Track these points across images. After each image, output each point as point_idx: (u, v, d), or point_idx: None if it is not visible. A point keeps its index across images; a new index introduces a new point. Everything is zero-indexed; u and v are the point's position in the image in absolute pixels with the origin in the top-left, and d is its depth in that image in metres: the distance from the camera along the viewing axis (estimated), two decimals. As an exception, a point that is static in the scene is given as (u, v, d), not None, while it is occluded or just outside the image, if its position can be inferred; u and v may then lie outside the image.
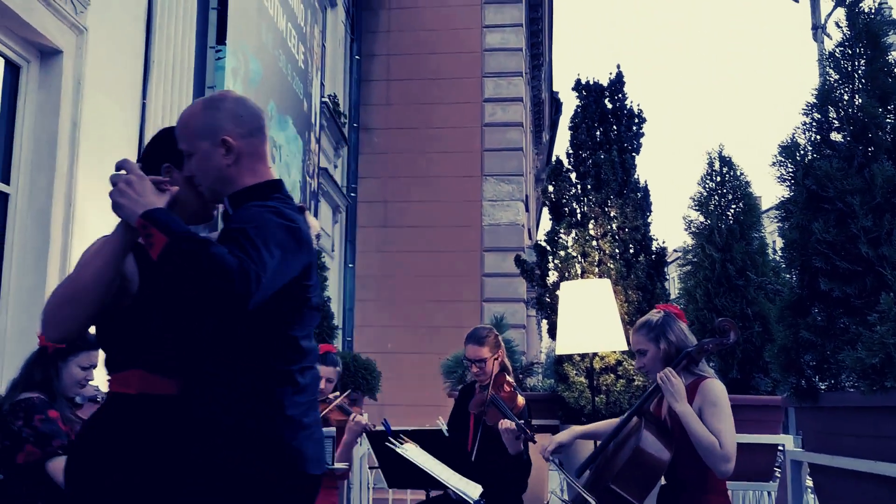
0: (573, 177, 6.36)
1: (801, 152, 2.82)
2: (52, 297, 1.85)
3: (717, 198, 4.90)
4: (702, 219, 4.88)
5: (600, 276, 5.77)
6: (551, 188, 6.37)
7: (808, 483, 3.26)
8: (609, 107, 6.55)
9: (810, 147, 2.82)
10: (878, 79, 2.67)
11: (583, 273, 5.94)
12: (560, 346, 5.04)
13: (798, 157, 2.82)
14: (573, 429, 3.44)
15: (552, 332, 5.94)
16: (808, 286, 2.73)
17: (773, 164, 2.88)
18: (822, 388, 2.72)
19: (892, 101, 2.66)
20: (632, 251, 6.02)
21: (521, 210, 11.61)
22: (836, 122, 2.77)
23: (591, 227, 6.05)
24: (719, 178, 4.92)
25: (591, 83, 6.65)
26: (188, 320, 1.92)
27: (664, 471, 2.91)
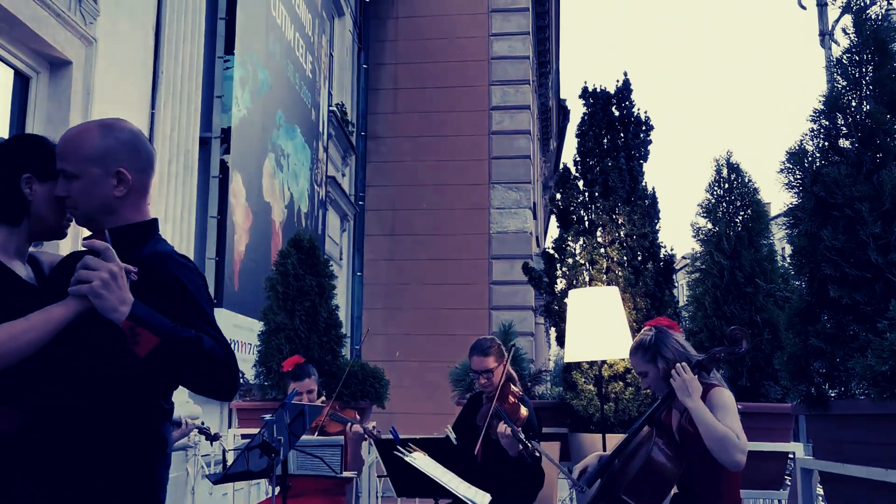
0: (581, 184, 6.36)
1: (810, 159, 2.82)
2: None
3: (725, 204, 4.88)
4: (710, 226, 4.86)
5: (608, 284, 5.76)
6: (559, 196, 6.37)
7: (819, 491, 3.24)
8: (616, 114, 6.55)
9: (818, 154, 2.82)
10: (886, 85, 2.66)
11: (591, 281, 5.93)
12: (568, 354, 5.03)
13: (806, 164, 2.81)
14: (595, 455, 3.42)
15: (560, 340, 5.93)
16: (817, 293, 2.72)
17: (780, 170, 2.87)
18: (832, 395, 2.71)
19: (900, 107, 2.65)
20: (640, 258, 6.01)
21: (529, 218, 11.61)
22: (844, 128, 2.77)
23: (598, 234, 6.05)
24: (727, 185, 4.91)
25: (599, 90, 6.66)
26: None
27: (676, 480, 2.89)
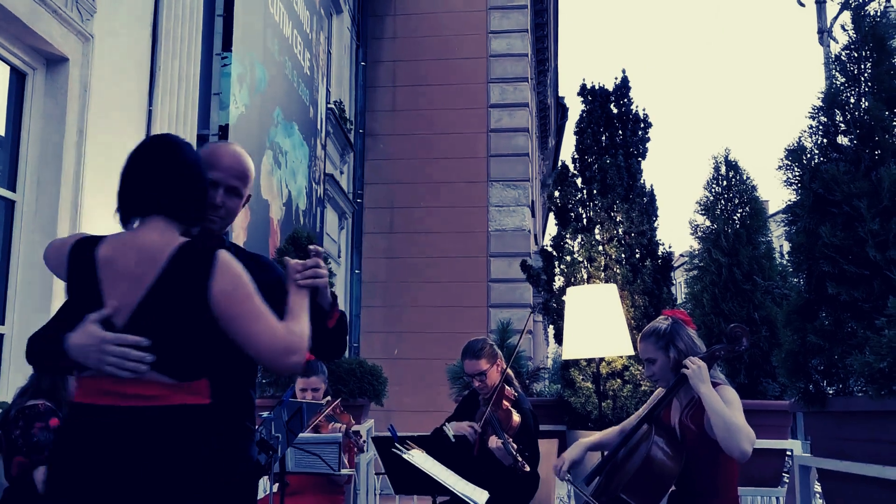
0: (579, 182, 6.35)
1: (808, 156, 2.81)
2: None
3: (723, 202, 4.89)
4: (708, 223, 4.86)
5: (606, 281, 5.76)
6: (557, 193, 6.36)
7: (817, 488, 3.24)
8: (615, 111, 6.55)
9: (817, 150, 2.81)
10: (885, 82, 2.66)
11: (589, 278, 5.93)
12: (566, 352, 5.03)
13: (805, 161, 2.81)
14: (580, 442, 3.40)
15: (558, 338, 5.93)
16: (815, 290, 2.72)
17: (779, 167, 2.87)
18: (830, 392, 2.71)
19: (899, 103, 2.64)
20: (638, 256, 6.00)
21: (528, 215, 11.61)
22: (843, 125, 2.76)
23: (597, 232, 6.04)
24: (725, 183, 4.91)
25: (597, 88, 6.65)
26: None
27: (675, 479, 2.88)
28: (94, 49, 4.53)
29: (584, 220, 6.16)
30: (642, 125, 6.54)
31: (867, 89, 2.70)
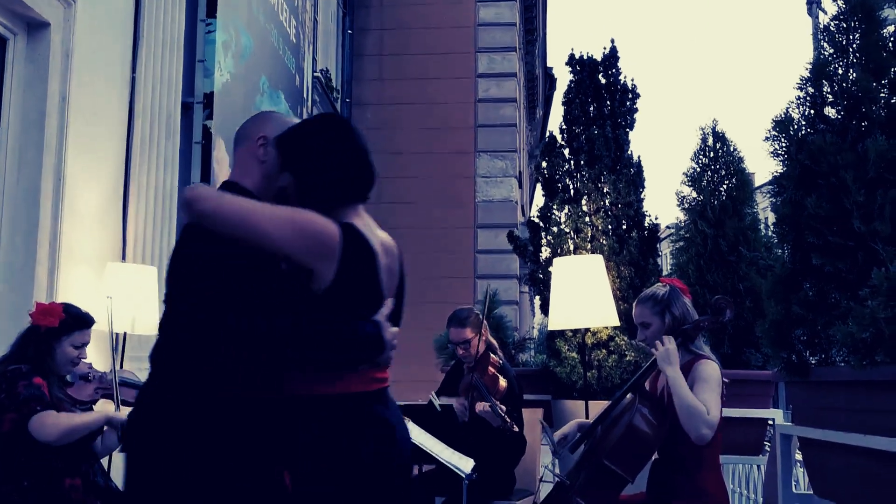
0: (566, 152, 6.34)
1: (795, 127, 2.81)
2: None
3: (710, 173, 4.90)
4: (694, 195, 4.88)
5: (593, 252, 5.78)
6: (544, 164, 6.35)
7: (798, 457, 3.28)
8: (603, 82, 6.52)
9: (804, 122, 2.81)
10: (873, 53, 2.65)
11: (575, 249, 5.94)
12: (552, 322, 5.05)
13: (792, 132, 2.80)
14: (575, 422, 3.44)
15: (545, 308, 5.95)
16: (800, 261, 2.73)
17: (766, 138, 2.86)
18: (813, 362, 2.73)
19: (887, 75, 2.64)
20: (624, 227, 6.02)
21: (515, 186, 11.59)
22: (831, 96, 2.76)
23: (584, 203, 6.05)
24: (712, 154, 4.92)
25: (586, 58, 6.62)
26: None
27: (658, 446, 2.92)
28: (76, 14, 4.45)
29: (571, 191, 6.16)
30: (630, 96, 6.52)
31: (855, 60, 2.70)
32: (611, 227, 5.94)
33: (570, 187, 6.17)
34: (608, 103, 6.42)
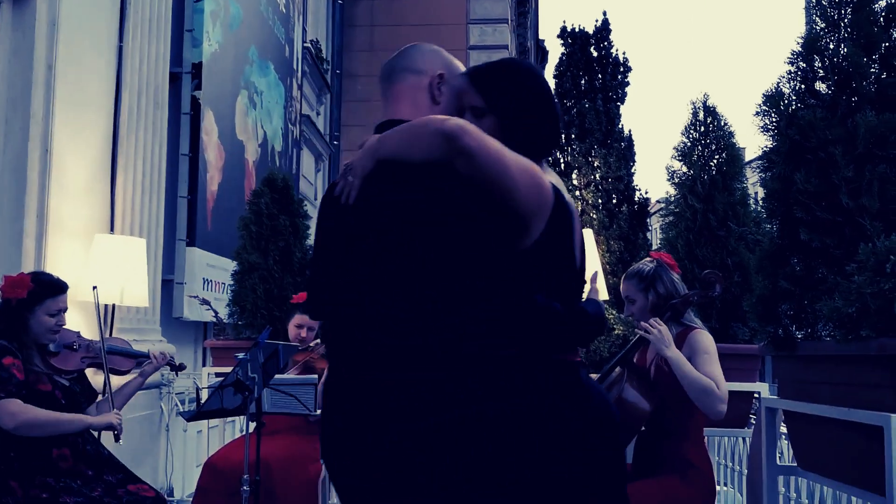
0: (557, 126, 6.32)
1: (786, 102, 2.80)
2: None
3: (700, 148, 4.89)
4: (685, 169, 4.87)
5: (583, 227, 5.79)
6: (535, 137, 6.33)
7: (783, 430, 3.32)
8: (595, 55, 6.51)
9: (794, 96, 2.80)
10: (864, 27, 2.64)
11: (565, 223, 5.95)
12: (542, 296, 5.06)
13: (782, 107, 2.80)
14: None
15: (534, 282, 5.96)
16: (787, 236, 2.74)
17: (756, 113, 2.86)
18: (799, 337, 2.75)
19: (878, 50, 2.63)
20: (615, 201, 6.03)
21: (505, 159, 11.58)
22: (821, 71, 2.75)
23: (574, 176, 6.05)
24: (703, 129, 4.90)
25: (577, 30, 6.59)
26: None
27: (645, 420, 2.95)
28: (61, -19, 4.38)
29: (562, 165, 6.15)
30: (622, 69, 6.51)
31: (846, 35, 2.69)
32: (601, 201, 5.96)
33: (561, 161, 6.17)
34: (600, 76, 6.41)
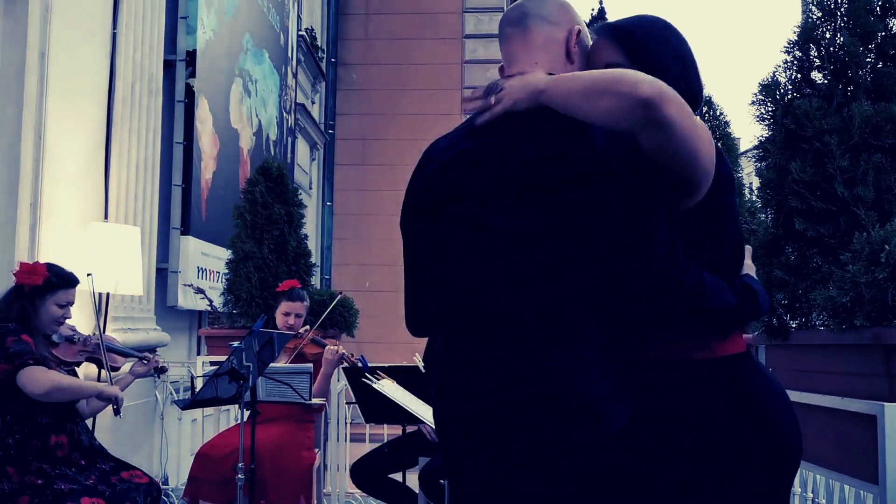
0: (553, 115, 6.31)
1: (782, 91, 2.81)
2: None
3: (696, 137, 4.89)
4: (680, 159, 4.87)
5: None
6: (531, 126, 6.33)
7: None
8: (590, 44, 6.48)
9: (790, 86, 2.81)
10: (860, 17, 2.64)
11: (561, 212, 5.95)
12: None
13: (778, 96, 2.80)
14: None
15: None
16: (783, 226, 2.74)
17: (752, 102, 2.86)
18: (793, 326, 2.76)
19: (873, 39, 2.64)
20: (610, 191, 6.02)
21: (501, 149, 11.56)
22: (817, 60, 2.75)
23: (569, 166, 6.03)
24: (699, 118, 4.91)
25: (573, 19, 6.57)
26: None
27: None
28: (54, -32, 4.35)
29: (557, 154, 6.14)
30: (618, 59, 6.49)
31: (842, 24, 2.69)
32: (596, 190, 5.95)
33: (557, 150, 6.16)
34: (595, 66, 6.39)
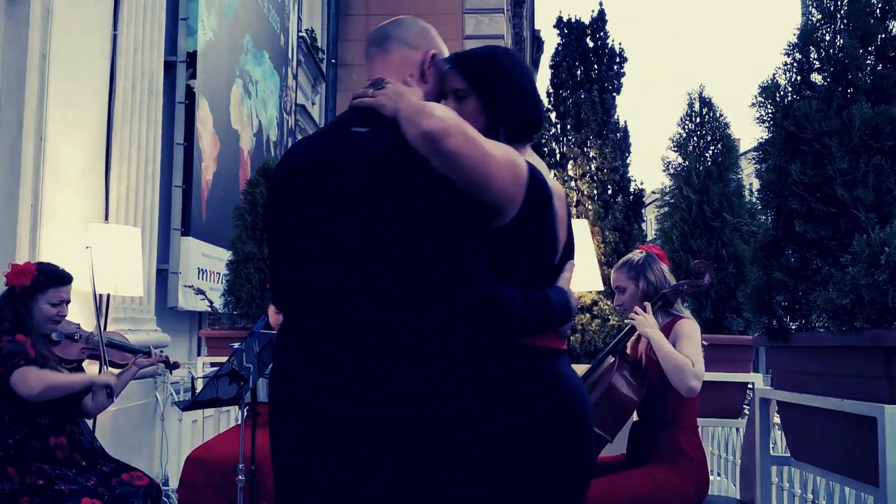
0: (553, 116, 6.33)
1: (782, 93, 2.81)
2: None
3: (695, 139, 4.89)
4: (680, 160, 4.87)
5: (578, 217, 5.79)
6: (531, 128, 6.34)
7: (776, 420, 3.34)
8: (590, 45, 6.50)
9: (790, 88, 2.81)
10: (860, 19, 2.65)
11: (561, 213, 5.96)
12: (537, 286, 5.06)
13: (778, 98, 2.80)
14: None
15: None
16: (782, 228, 2.74)
17: (752, 104, 2.86)
18: (793, 328, 2.77)
19: (874, 41, 2.64)
20: (610, 192, 6.04)
21: (501, 150, 11.56)
22: (817, 62, 2.76)
23: (570, 167, 6.05)
24: (699, 120, 4.91)
25: (573, 21, 6.58)
26: None
27: (635, 408, 2.98)
28: (55, -31, 4.36)
29: (558, 156, 6.16)
30: (618, 59, 6.50)
31: (843, 26, 2.69)
32: (596, 192, 5.96)
33: (557, 151, 6.17)
34: (595, 67, 6.41)
